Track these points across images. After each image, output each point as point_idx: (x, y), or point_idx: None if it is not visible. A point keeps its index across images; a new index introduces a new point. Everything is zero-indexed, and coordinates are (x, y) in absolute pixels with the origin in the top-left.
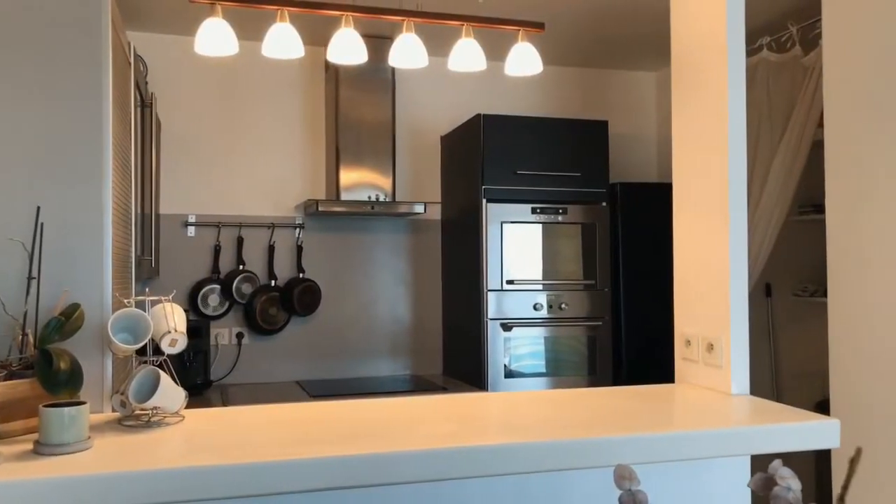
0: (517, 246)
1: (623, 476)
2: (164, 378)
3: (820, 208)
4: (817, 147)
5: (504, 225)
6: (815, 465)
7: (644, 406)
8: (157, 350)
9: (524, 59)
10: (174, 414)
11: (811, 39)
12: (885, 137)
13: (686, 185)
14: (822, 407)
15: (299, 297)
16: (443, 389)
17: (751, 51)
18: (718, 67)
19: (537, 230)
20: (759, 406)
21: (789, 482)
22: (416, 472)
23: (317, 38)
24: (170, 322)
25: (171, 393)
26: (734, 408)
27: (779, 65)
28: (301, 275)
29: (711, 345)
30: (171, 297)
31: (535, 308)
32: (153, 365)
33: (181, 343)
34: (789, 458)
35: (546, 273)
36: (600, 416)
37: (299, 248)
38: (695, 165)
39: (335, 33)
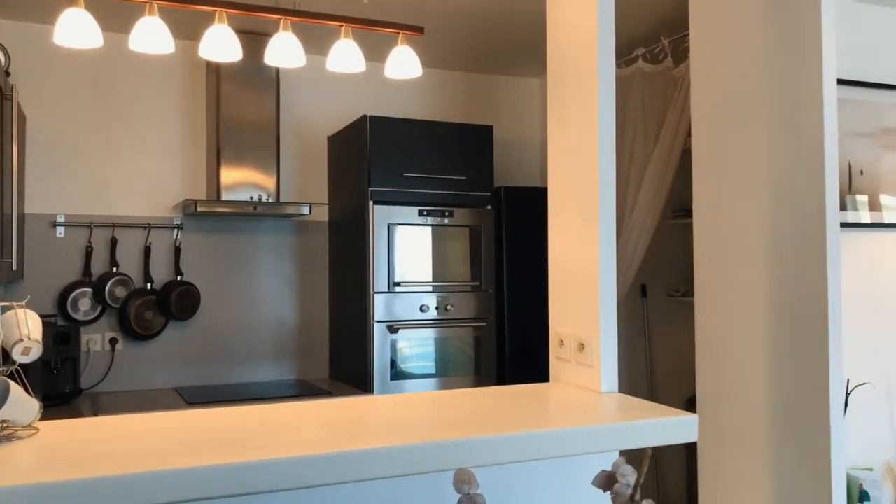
0: (405, 248)
1: (462, 480)
2: (15, 389)
3: (691, 213)
4: (688, 154)
5: (391, 227)
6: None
7: (517, 405)
8: (8, 359)
9: (404, 63)
10: (27, 427)
11: (681, 52)
12: (747, 146)
13: (560, 191)
14: (693, 402)
15: (177, 301)
16: (328, 393)
17: (628, 61)
18: (589, 77)
19: (425, 232)
20: (626, 403)
21: (629, 479)
22: (283, 480)
23: (195, 32)
24: (23, 329)
25: (22, 404)
26: (602, 405)
27: (653, 75)
28: (179, 277)
29: (583, 344)
30: (24, 303)
31: (421, 310)
32: (3, 375)
33: (35, 352)
34: (661, 452)
35: (434, 275)
36: (472, 417)
37: (177, 250)
38: (568, 171)
39: (208, 29)
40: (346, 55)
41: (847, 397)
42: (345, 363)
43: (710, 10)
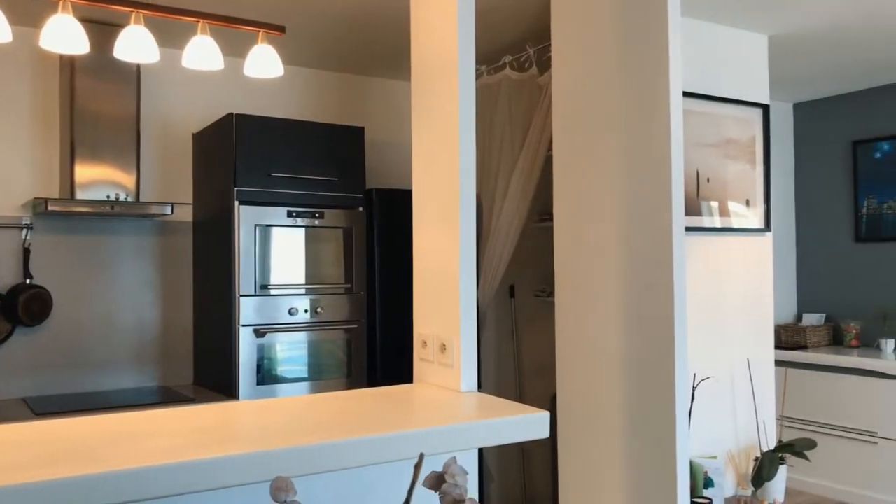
0: (274, 250)
1: (279, 488)
2: None
3: None
4: (552, 161)
5: (259, 228)
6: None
7: (377, 408)
8: None
9: (264, 62)
10: None
11: (546, 61)
12: (602, 154)
13: (423, 194)
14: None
15: (25, 306)
16: (190, 400)
17: (496, 68)
18: (450, 83)
19: (295, 234)
20: (484, 402)
21: (458, 479)
22: (125, 491)
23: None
24: None
25: None
26: (461, 405)
27: (519, 83)
28: (28, 280)
29: (444, 345)
30: None
31: (290, 313)
32: None
33: None
34: (530, 450)
35: (305, 277)
36: (332, 421)
37: (26, 252)
38: (430, 175)
39: (49, 19)
40: (203, 52)
41: (693, 391)
42: (210, 369)
43: (569, 23)
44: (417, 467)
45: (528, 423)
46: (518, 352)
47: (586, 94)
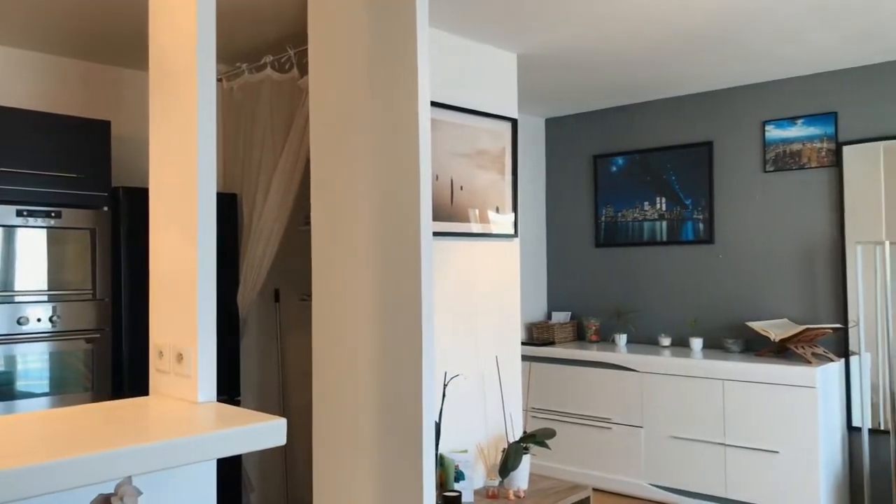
0: (9, 253)
1: None
2: None
3: None
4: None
5: None
6: None
7: (100, 424)
8: None
9: None
10: None
11: (306, 63)
12: (356, 160)
13: (161, 196)
14: None
15: None
16: None
17: (257, 67)
18: (189, 79)
19: (35, 236)
20: (221, 412)
21: (126, 500)
22: None
23: None
24: None
25: None
26: (198, 416)
27: (280, 84)
28: None
29: (181, 355)
30: None
31: (19, 322)
32: None
33: None
34: (294, 453)
35: (46, 282)
36: (38, 441)
37: None
38: (168, 174)
39: None
40: None
41: (444, 389)
42: None
43: (324, 27)
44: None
45: (264, 432)
46: (283, 357)
47: (341, 99)
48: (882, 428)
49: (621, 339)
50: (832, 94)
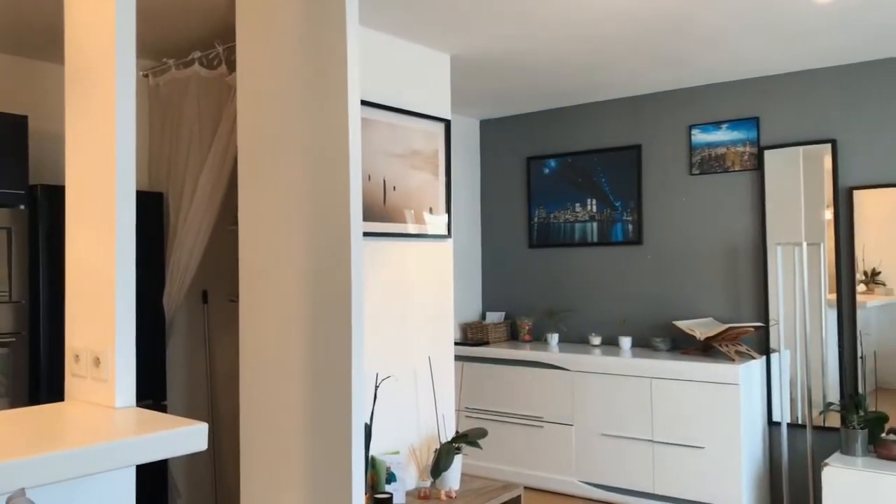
0: None
1: None
2: None
3: None
4: None
5: None
6: None
7: (16, 430)
8: None
9: None
10: None
11: (234, 60)
12: (285, 159)
13: (78, 193)
14: None
15: None
16: None
17: (185, 63)
18: (107, 73)
19: None
20: (139, 417)
21: None
22: None
23: None
24: None
25: None
26: (113, 422)
27: (209, 80)
28: None
29: (98, 359)
30: None
31: None
32: None
33: None
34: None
35: None
36: None
37: None
38: (85, 173)
39: None
40: None
41: (376, 389)
42: None
43: (252, 24)
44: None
45: (182, 437)
46: (211, 360)
47: (269, 97)
48: (799, 422)
49: (553, 338)
50: (755, 99)
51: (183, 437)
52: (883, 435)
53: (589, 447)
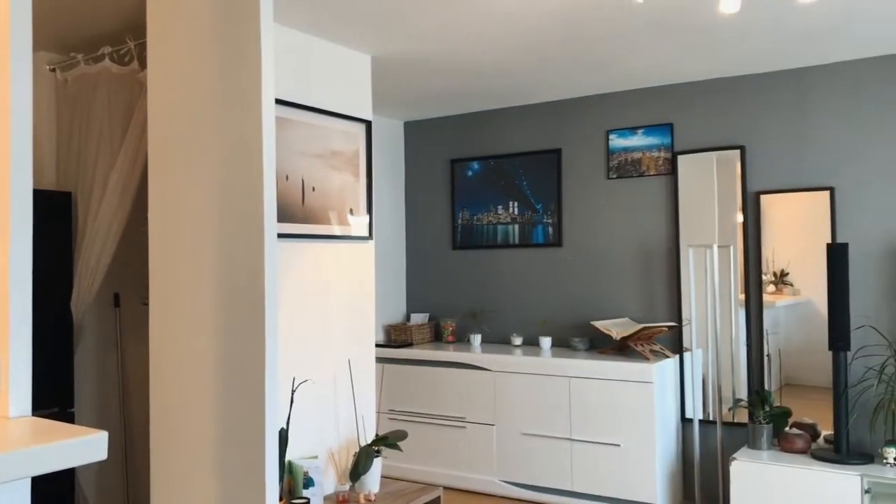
0: None
1: None
2: None
3: None
4: None
5: None
6: None
7: None
8: None
9: None
10: None
11: (146, 56)
12: (198, 158)
13: None
14: None
15: None
16: None
17: (94, 58)
18: (1, 71)
19: None
20: (36, 427)
21: None
22: None
23: None
24: None
25: None
26: (7, 432)
27: (120, 76)
28: None
29: None
30: None
31: None
32: None
33: None
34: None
35: None
36: None
37: None
38: None
39: None
40: None
41: (293, 394)
42: None
43: (164, 19)
44: None
45: (81, 446)
46: (123, 365)
47: (181, 95)
48: (711, 419)
49: (476, 339)
50: (669, 106)
51: (81, 446)
52: (787, 429)
53: (510, 447)
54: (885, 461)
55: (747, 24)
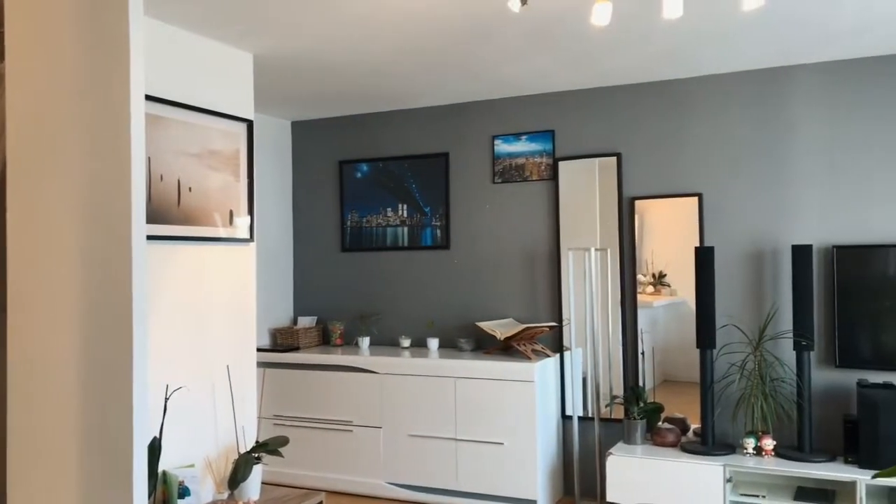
0: None
1: None
2: None
3: None
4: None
5: None
6: None
7: None
8: None
9: None
10: None
11: (4, 48)
12: (62, 155)
13: None
14: None
15: None
16: None
17: None
18: None
19: None
20: None
21: None
22: None
23: None
24: None
25: None
26: None
27: None
28: None
29: None
30: None
31: None
32: None
33: None
34: None
35: None
36: None
37: None
38: None
39: None
40: None
41: (166, 401)
42: None
43: (25, 9)
44: None
45: None
46: None
47: (43, 89)
48: (589, 415)
49: (364, 341)
50: (550, 113)
51: None
52: (659, 424)
53: (396, 449)
54: (744, 451)
55: (618, 37)
